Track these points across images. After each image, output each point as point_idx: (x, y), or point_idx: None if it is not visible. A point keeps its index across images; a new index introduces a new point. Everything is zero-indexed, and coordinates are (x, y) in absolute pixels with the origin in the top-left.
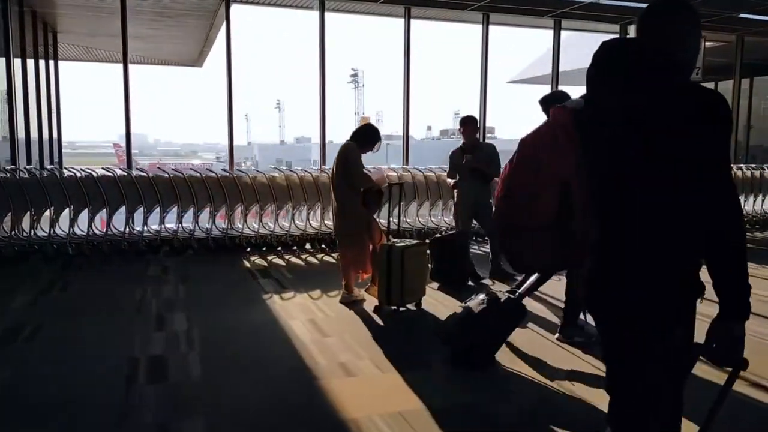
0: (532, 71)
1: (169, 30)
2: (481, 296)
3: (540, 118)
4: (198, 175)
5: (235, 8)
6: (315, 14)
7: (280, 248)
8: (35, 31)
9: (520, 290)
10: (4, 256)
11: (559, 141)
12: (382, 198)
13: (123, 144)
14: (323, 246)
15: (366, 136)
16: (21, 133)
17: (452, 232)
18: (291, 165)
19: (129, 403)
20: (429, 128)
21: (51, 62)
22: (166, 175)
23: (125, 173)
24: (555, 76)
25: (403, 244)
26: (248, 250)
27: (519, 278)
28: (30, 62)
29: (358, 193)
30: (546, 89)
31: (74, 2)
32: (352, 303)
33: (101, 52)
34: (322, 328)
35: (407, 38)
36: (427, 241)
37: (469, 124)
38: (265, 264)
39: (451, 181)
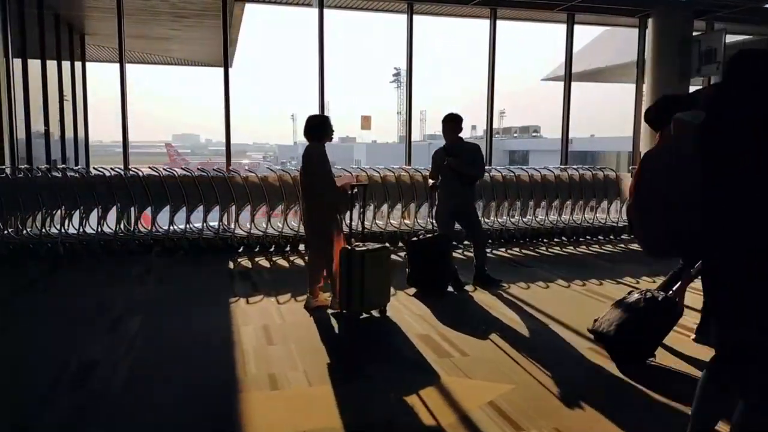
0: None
1: (189, 31)
2: (636, 296)
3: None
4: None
5: (249, 7)
6: (355, 14)
7: (273, 249)
8: (60, 34)
9: (673, 288)
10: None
11: (683, 154)
12: (347, 200)
13: (174, 144)
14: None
15: (317, 129)
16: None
17: (429, 235)
18: (333, 165)
19: (37, 408)
20: (474, 128)
21: (78, 63)
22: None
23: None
24: (568, 74)
25: (364, 248)
26: (257, 250)
27: (505, 285)
28: (63, 64)
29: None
30: (582, 86)
31: (100, 5)
32: (315, 308)
33: (133, 53)
34: (272, 335)
35: (410, 36)
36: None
37: (449, 123)
38: (250, 265)
39: (431, 182)
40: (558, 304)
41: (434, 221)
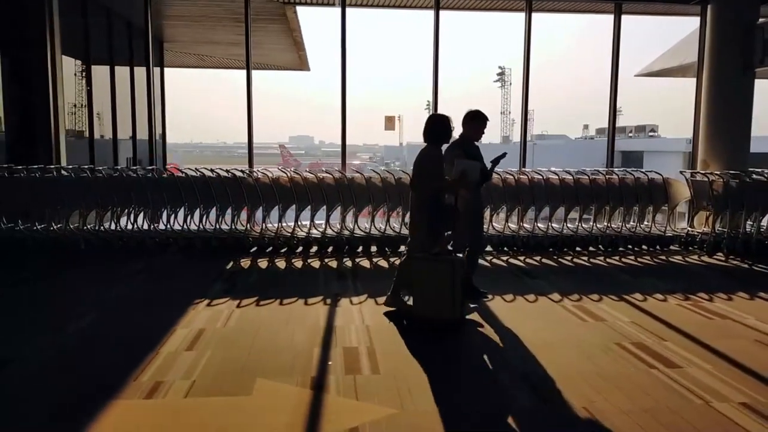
0: (661, 63)
1: (255, 35)
2: None
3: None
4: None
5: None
6: (469, 15)
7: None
8: (144, 42)
9: None
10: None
11: None
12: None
13: (289, 145)
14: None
15: (433, 130)
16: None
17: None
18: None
19: None
20: (586, 127)
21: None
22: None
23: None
24: (615, 67)
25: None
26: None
27: (489, 297)
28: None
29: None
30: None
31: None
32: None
33: (214, 59)
34: (199, 340)
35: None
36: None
37: (485, 121)
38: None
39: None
40: (529, 320)
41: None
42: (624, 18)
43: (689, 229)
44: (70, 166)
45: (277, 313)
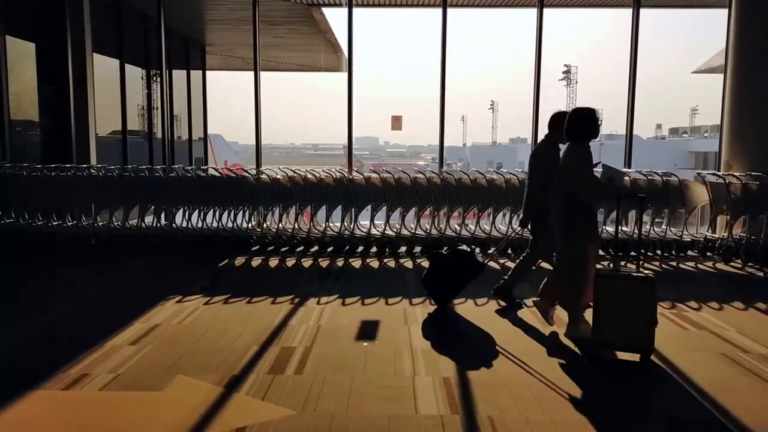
0: (720, 59)
1: (290, 38)
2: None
3: None
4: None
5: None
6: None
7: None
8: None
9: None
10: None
11: None
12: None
13: (354, 146)
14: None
15: (577, 126)
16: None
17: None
18: (501, 166)
19: None
20: (659, 126)
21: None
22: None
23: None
24: (633, 63)
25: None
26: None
27: (527, 305)
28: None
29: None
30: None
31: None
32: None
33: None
34: (147, 336)
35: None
36: None
37: None
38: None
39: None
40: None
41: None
42: (683, 12)
43: (707, 234)
44: (98, 166)
45: (238, 311)
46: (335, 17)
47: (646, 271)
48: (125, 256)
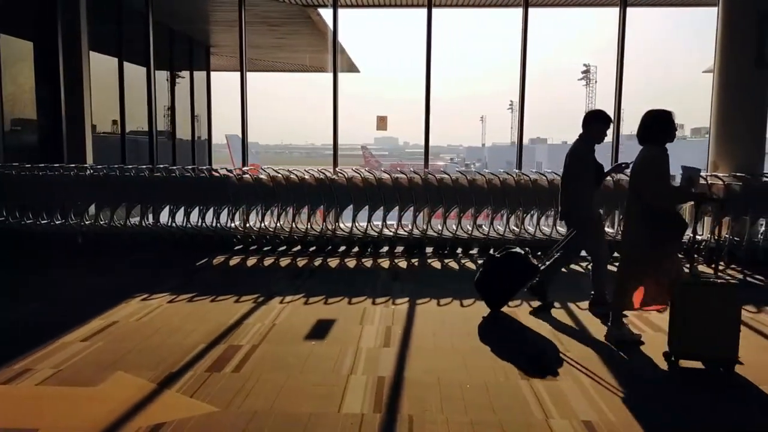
0: None
1: (292, 39)
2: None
3: None
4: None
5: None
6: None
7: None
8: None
9: None
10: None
11: None
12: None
13: (374, 146)
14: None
15: (654, 128)
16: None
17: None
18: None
19: None
20: (681, 126)
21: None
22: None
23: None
24: (620, 63)
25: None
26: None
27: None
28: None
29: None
30: None
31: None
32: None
33: (261, 62)
34: (101, 333)
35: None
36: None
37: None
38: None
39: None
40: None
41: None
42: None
43: (691, 235)
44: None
45: (200, 309)
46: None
47: (727, 277)
48: (108, 255)
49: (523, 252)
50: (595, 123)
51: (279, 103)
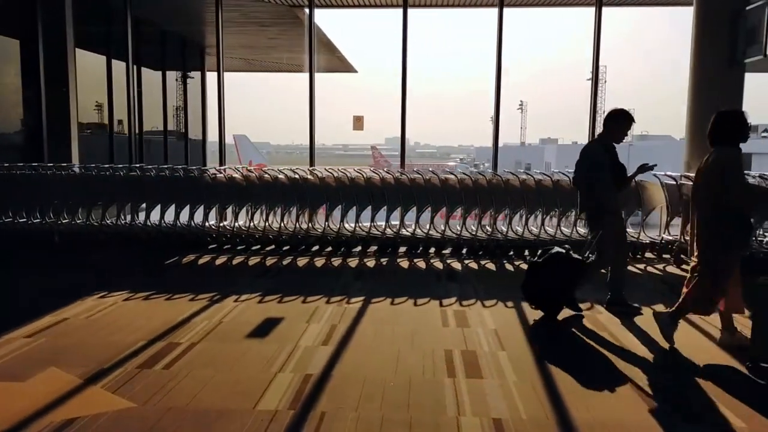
0: None
1: (284, 39)
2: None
3: None
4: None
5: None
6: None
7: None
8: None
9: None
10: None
11: None
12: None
13: (385, 147)
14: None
15: (727, 128)
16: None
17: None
18: (531, 167)
19: None
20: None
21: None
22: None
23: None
24: (596, 62)
25: None
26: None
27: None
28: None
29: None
30: None
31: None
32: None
33: (261, 63)
34: (49, 330)
35: None
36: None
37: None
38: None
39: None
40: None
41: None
42: None
43: (663, 236)
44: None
45: (153, 307)
46: (324, 18)
47: None
48: (80, 253)
49: (563, 250)
50: (613, 122)
51: (289, 103)
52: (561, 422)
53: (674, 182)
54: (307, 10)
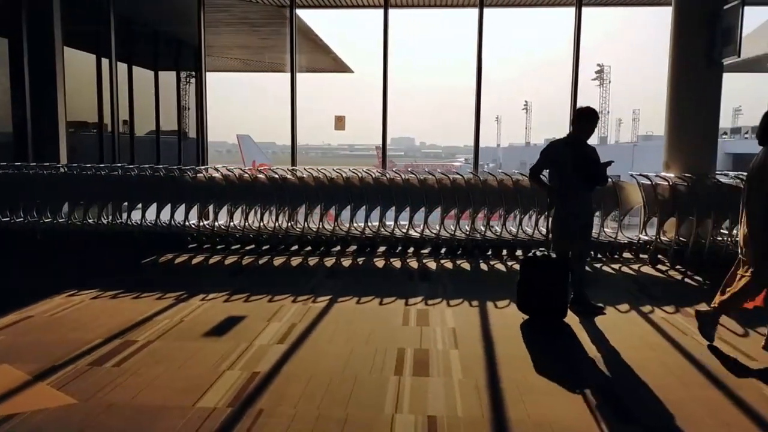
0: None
1: (277, 40)
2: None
3: None
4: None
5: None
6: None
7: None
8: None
9: None
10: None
11: None
12: None
13: (389, 147)
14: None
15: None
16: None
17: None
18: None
19: None
20: None
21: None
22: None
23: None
24: (576, 63)
25: None
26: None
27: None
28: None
29: None
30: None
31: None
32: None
33: (259, 63)
34: (10, 327)
35: None
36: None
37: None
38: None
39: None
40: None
41: (555, 235)
42: None
43: (640, 236)
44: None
45: (118, 305)
46: (315, 19)
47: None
48: (61, 252)
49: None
50: (578, 121)
51: (297, 103)
52: (495, 420)
53: (650, 182)
54: (306, 11)
